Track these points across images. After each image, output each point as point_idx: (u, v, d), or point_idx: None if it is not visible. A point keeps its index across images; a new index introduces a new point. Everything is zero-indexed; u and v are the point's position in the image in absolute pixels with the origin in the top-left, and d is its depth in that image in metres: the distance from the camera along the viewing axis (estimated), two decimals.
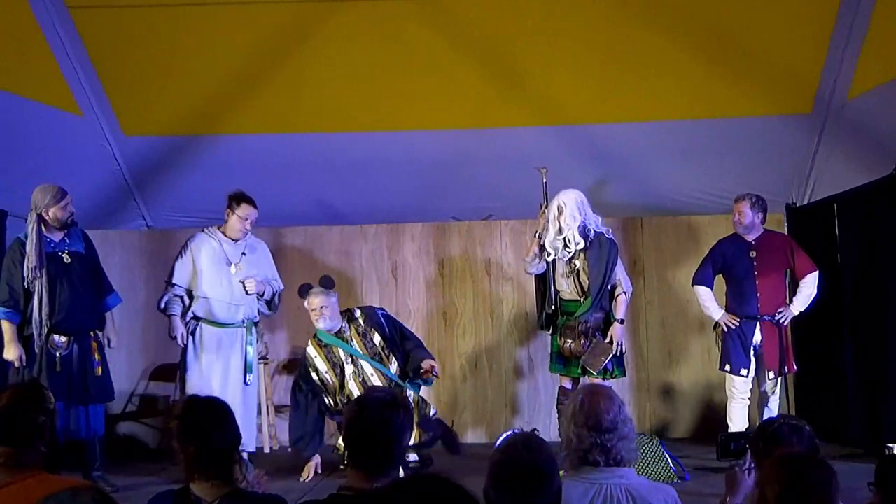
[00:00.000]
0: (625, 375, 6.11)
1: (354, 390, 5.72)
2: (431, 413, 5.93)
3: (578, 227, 5.83)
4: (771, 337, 6.00)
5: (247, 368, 5.80)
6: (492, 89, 6.77)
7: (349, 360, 5.81)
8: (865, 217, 6.42)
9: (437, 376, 5.93)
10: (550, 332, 6.05)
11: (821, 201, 7.08)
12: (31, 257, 5.29)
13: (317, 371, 5.84)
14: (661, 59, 6.53)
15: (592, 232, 5.89)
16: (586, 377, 5.78)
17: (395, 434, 2.54)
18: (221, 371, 5.72)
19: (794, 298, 6.12)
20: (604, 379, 5.73)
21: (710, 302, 6.14)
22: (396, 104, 6.91)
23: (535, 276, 6.10)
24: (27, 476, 2.57)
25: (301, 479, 5.61)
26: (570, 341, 5.81)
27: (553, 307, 5.91)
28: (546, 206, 5.98)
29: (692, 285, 6.26)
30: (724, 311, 6.10)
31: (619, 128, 6.98)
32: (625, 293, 5.96)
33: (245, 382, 5.80)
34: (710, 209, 7.33)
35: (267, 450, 6.87)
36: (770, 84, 6.62)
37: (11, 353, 5.31)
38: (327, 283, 5.91)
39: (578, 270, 5.90)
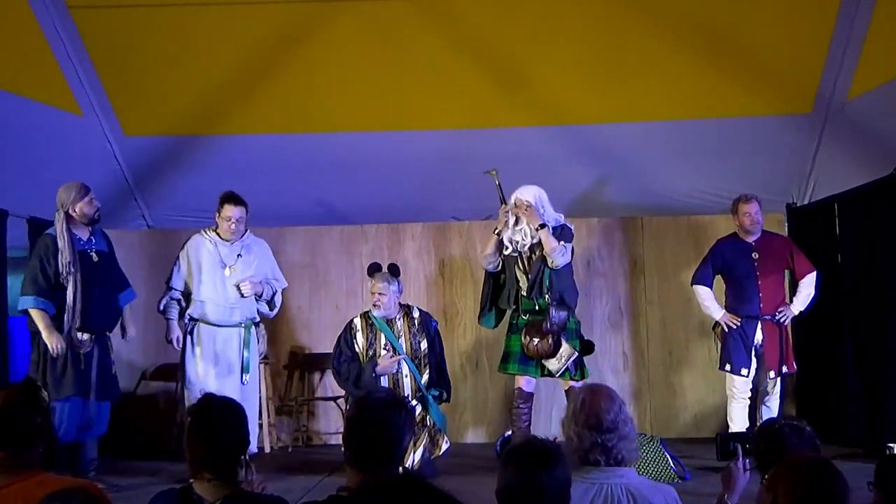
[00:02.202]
0: (585, 377, 5.87)
1: (382, 380, 5.69)
2: (443, 449, 5.74)
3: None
4: (772, 337, 6.00)
5: (243, 368, 5.78)
6: (492, 89, 6.78)
7: (388, 348, 5.75)
8: (865, 217, 6.42)
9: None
10: (508, 331, 5.99)
11: (821, 201, 7.08)
12: (64, 252, 5.30)
13: (356, 343, 5.79)
14: (661, 58, 6.53)
15: (550, 227, 5.83)
16: (554, 378, 5.85)
17: (395, 435, 2.53)
18: (219, 370, 5.70)
19: (794, 298, 6.14)
20: (573, 381, 5.75)
21: (710, 301, 6.14)
22: (397, 104, 6.91)
23: (487, 273, 6.10)
24: (26, 476, 2.56)
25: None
26: (536, 340, 5.76)
27: (514, 305, 5.88)
28: (507, 206, 5.96)
29: (692, 285, 6.26)
30: (724, 310, 6.09)
31: (619, 128, 6.98)
32: (564, 245, 5.80)
33: (241, 382, 5.78)
34: (710, 209, 7.33)
35: (267, 450, 6.87)
36: (770, 84, 6.63)
37: (53, 340, 5.29)
38: (394, 271, 5.89)
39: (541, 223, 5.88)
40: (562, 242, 5.81)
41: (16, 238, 6.40)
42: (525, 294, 5.87)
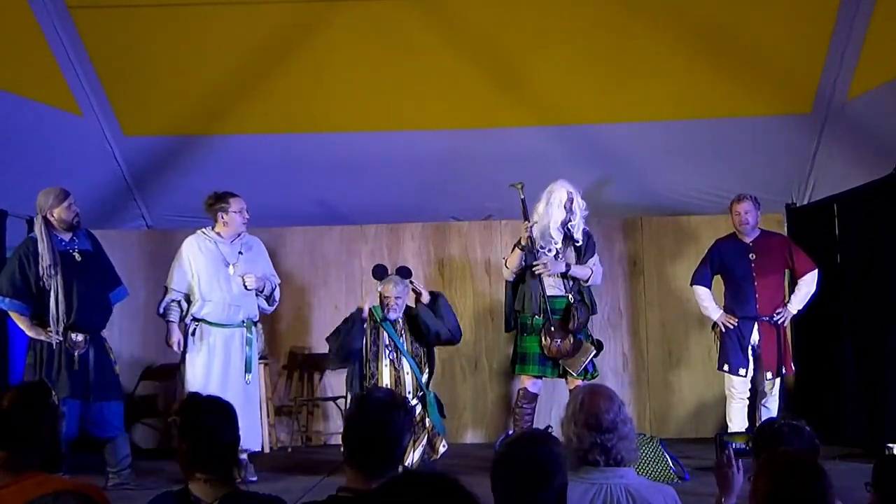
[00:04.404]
0: (595, 377, 5.98)
1: (385, 376, 5.70)
2: (440, 453, 5.72)
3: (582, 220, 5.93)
4: (769, 337, 5.99)
5: (246, 367, 5.78)
6: (492, 89, 6.78)
7: (392, 347, 5.76)
8: (865, 217, 6.42)
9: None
10: (522, 332, 5.98)
11: (821, 201, 7.08)
12: (44, 256, 5.30)
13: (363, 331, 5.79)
14: (661, 58, 6.53)
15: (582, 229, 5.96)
16: (566, 378, 5.86)
17: (395, 435, 2.52)
18: (222, 370, 5.68)
19: (792, 297, 6.12)
20: (583, 380, 5.76)
21: (708, 302, 6.14)
22: (397, 104, 6.91)
23: (508, 283, 6.10)
24: (26, 478, 2.56)
25: None
26: (559, 340, 5.79)
27: (543, 309, 5.85)
28: (530, 222, 5.94)
29: (690, 285, 6.26)
30: (722, 311, 6.09)
31: (619, 128, 6.98)
32: (592, 270, 5.95)
33: (244, 381, 5.77)
34: (710, 209, 7.33)
35: (267, 450, 6.86)
36: (770, 84, 6.62)
37: (41, 334, 5.32)
38: (405, 273, 5.89)
39: (566, 264, 5.90)
40: (590, 262, 5.94)
41: (15, 238, 6.39)
42: (549, 295, 5.85)
